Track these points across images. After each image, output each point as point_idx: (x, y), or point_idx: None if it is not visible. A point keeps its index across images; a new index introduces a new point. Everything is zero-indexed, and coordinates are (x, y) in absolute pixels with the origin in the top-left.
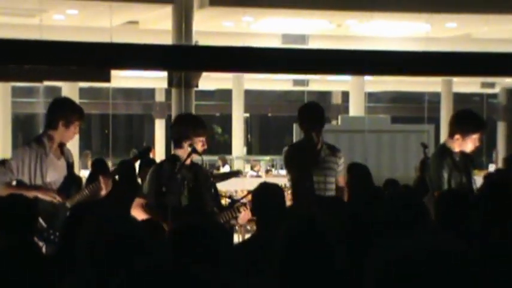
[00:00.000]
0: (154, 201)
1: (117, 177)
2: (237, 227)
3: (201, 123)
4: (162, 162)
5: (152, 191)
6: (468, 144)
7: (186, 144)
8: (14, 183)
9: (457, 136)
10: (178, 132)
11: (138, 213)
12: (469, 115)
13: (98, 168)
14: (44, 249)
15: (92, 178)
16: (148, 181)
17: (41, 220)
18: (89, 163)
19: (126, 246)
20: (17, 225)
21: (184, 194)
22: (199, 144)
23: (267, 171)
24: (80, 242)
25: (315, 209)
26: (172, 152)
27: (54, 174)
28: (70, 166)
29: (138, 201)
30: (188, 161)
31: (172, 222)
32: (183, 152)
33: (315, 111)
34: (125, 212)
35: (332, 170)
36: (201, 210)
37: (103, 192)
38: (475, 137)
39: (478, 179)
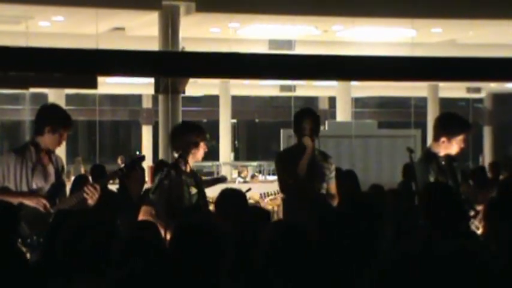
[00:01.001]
0: (165, 209)
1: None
2: None
3: (202, 129)
4: (168, 171)
5: (162, 199)
6: (454, 146)
7: (193, 151)
8: None
9: (443, 139)
10: (187, 139)
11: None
12: (454, 117)
13: (97, 174)
14: (28, 255)
15: (82, 181)
16: (158, 190)
17: (24, 226)
18: (82, 169)
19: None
20: None
21: (190, 200)
22: (203, 148)
23: (252, 177)
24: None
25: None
26: (173, 161)
27: (41, 181)
28: (59, 172)
29: (145, 209)
30: (187, 168)
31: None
32: (192, 158)
33: (310, 117)
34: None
35: (325, 176)
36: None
37: (90, 202)
38: (460, 138)
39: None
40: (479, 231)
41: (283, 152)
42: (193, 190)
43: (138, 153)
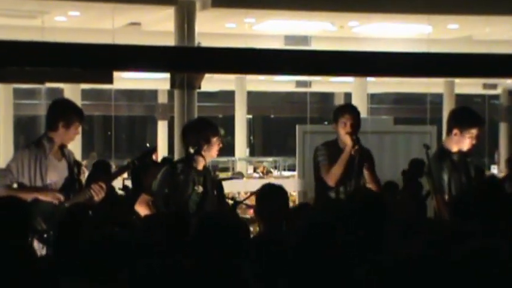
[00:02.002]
0: (162, 200)
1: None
2: None
3: (215, 125)
4: (176, 163)
5: (161, 190)
6: (466, 140)
7: (206, 147)
8: (15, 185)
9: (455, 131)
10: (200, 135)
11: (142, 210)
12: (467, 110)
13: (100, 170)
14: (44, 251)
15: (91, 179)
16: (159, 180)
17: (40, 221)
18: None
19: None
20: (8, 229)
21: (192, 198)
22: (217, 145)
23: (267, 173)
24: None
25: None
26: (185, 155)
27: (55, 176)
28: (72, 167)
29: (144, 197)
30: (200, 166)
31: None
32: (202, 155)
33: (352, 112)
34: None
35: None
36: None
37: (96, 199)
38: (473, 132)
39: None
40: None
41: (323, 145)
42: (200, 189)
43: (148, 145)
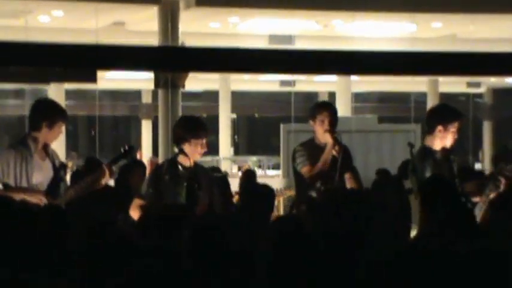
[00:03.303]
0: (151, 202)
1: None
2: None
3: (200, 126)
4: (162, 164)
5: (149, 192)
6: (449, 136)
7: (186, 147)
8: (0, 186)
9: (439, 128)
10: (177, 135)
11: (136, 214)
12: (446, 105)
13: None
14: None
15: (79, 176)
16: (148, 182)
17: None
18: (74, 166)
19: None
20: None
21: (182, 194)
22: (199, 146)
23: None
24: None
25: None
26: (173, 155)
27: (40, 176)
28: (56, 167)
29: (136, 202)
30: (188, 162)
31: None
32: (186, 154)
33: (329, 110)
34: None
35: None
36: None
37: (104, 181)
38: (455, 126)
39: None
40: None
41: (303, 145)
42: (185, 184)
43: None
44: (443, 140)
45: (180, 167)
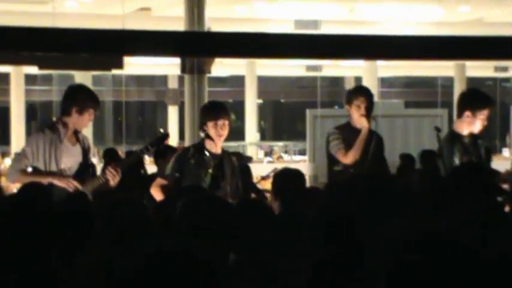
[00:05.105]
0: (173, 184)
1: None
2: None
3: (214, 107)
4: (189, 147)
5: (172, 174)
6: (477, 122)
7: (206, 130)
8: (30, 169)
9: (467, 113)
10: (199, 119)
11: (156, 193)
12: (478, 91)
13: (110, 158)
14: None
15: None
16: (171, 164)
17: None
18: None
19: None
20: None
21: (205, 180)
22: (218, 128)
23: (278, 158)
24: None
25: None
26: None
27: (69, 161)
28: (86, 152)
29: (158, 181)
30: (215, 148)
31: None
32: (211, 138)
33: (370, 94)
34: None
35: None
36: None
37: (112, 183)
38: (484, 113)
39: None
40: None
41: (337, 129)
42: (210, 172)
43: (161, 130)
44: (470, 125)
45: (206, 152)
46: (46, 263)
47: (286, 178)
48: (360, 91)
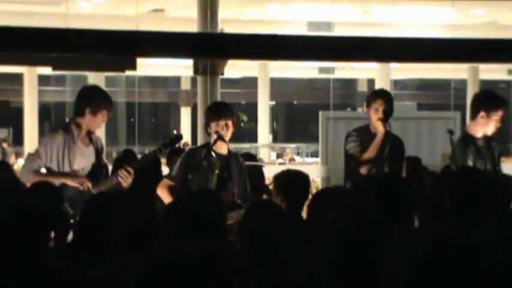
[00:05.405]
0: (180, 184)
1: None
2: None
3: (219, 107)
4: (197, 148)
5: (179, 174)
6: (491, 124)
7: (210, 131)
8: (43, 170)
9: (481, 114)
10: (203, 120)
11: (162, 193)
12: (491, 92)
13: (127, 159)
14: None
15: (117, 167)
16: (178, 164)
17: (67, 206)
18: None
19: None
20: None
21: (212, 181)
22: (221, 128)
23: (290, 160)
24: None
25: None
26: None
27: (82, 161)
28: (99, 153)
29: (165, 181)
30: (222, 150)
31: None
32: (222, 138)
33: (389, 98)
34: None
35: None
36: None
37: (124, 185)
38: (498, 114)
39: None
40: None
41: (355, 131)
42: (216, 172)
43: (175, 132)
44: (484, 127)
45: (213, 154)
46: (46, 263)
47: (287, 179)
48: (379, 94)
